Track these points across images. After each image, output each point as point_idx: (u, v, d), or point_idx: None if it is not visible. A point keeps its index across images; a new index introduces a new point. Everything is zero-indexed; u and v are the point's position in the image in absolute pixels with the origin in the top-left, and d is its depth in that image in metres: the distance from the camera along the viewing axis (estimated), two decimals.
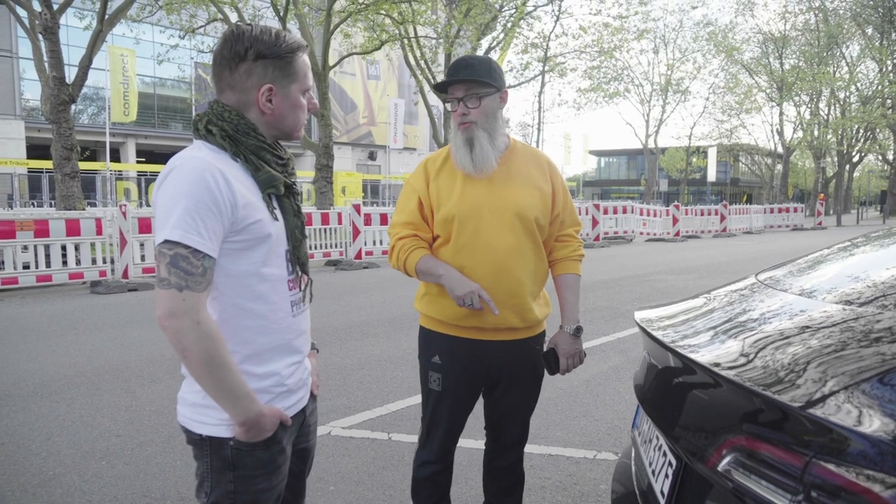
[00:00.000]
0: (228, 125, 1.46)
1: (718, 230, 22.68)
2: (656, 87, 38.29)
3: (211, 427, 1.46)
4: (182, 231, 1.32)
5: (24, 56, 21.63)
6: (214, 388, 1.38)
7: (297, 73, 1.50)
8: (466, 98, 2.04)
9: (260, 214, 1.44)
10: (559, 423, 4.01)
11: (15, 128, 29.21)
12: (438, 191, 2.10)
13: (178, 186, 1.35)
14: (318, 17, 19.04)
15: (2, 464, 3.32)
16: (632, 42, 27.88)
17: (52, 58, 13.29)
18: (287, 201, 1.55)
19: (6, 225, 8.50)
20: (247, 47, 1.45)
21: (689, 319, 1.65)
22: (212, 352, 1.34)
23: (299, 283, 1.59)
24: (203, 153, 1.42)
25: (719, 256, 14.62)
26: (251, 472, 1.48)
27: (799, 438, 1.08)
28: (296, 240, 1.55)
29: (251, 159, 1.47)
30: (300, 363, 1.60)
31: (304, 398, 1.63)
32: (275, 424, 1.48)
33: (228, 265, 1.43)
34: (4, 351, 5.60)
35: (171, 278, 1.32)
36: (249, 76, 1.46)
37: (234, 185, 1.39)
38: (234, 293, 1.45)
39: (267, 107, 1.49)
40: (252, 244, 1.44)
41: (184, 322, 1.32)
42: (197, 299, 1.34)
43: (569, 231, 2.26)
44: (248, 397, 1.41)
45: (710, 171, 44.23)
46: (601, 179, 71.91)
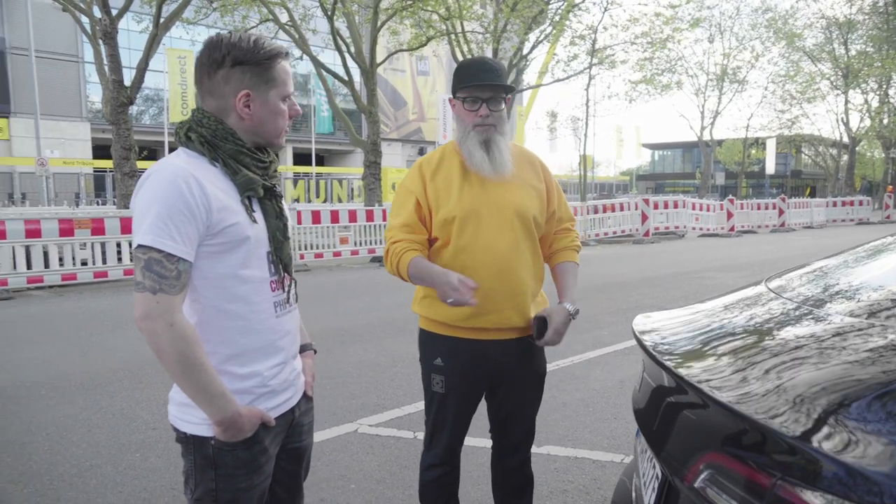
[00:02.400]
0: (207, 131, 1.49)
1: (776, 225, 21.88)
2: (712, 78, 37.15)
3: (194, 426, 1.50)
4: (154, 236, 1.36)
5: (88, 60, 22.68)
6: (190, 388, 1.42)
7: (275, 80, 1.51)
8: (491, 101, 2.05)
9: (237, 217, 1.46)
10: (588, 425, 3.95)
11: (81, 129, 30.59)
12: (437, 192, 2.09)
13: (152, 192, 1.39)
14: (366, 14, 19.21)
15: (45, 453, 3.49)
16: (685, 31, 27.10)
17: (111, 62, 13.82)
18: (269, 203, 1.56)
19: (65, 223, 8.92)
20: (224, 54, 1.47)
21: (686, 329, 1.60)
22: (186, 353, 1.37)
23: (283, 284, 1.59)
24: (180, 159, 1.46)
25: (774, 252, 14.11)
26: (232, 471, 1.51)
27: (770, 458, 1.03)
28: (277, 241, 1.56)
29: (229, 163, 1.49)
30: (286, 364, 1.61)
31: (291, 399, 1.65)
32: (254, 425, 1.50)
33: (207, 268, 1.46)
34: (58, 345, 5.87)
35: (146, 282, 1.36)
36: (227, 82, 1.49)
37: (209, 190, 1.42)
38: (213, 295, 1.48)
39: (245, 112, 1.50)
40: (230, 247, 1.47)
41: (158, 324, 1.36)
42: (171, 302, 1.37)
43: (566, 225, 2.29)
44: (223, 397, 1.43)
45: (769, 163, 42.64)
46: (655, 173, 70.36)
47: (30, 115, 23.82)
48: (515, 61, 22.17)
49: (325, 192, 32.43)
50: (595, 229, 17.26)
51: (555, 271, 2.27)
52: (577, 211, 16.82)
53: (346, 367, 5.14)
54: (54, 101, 28.23)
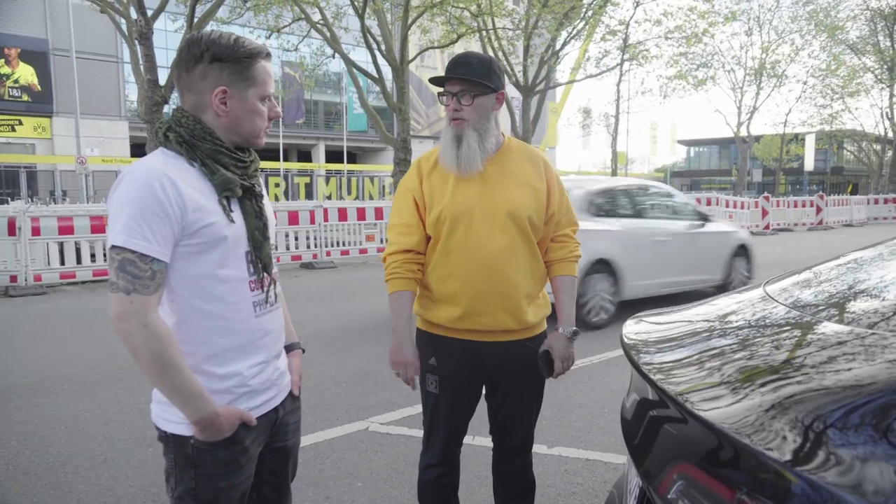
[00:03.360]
0: (185, 130, 1.49)
1: (814, 223, 21.30)
2: (749, 72, 36.30)
3: (174, 425, 1.50)
4: (126, 236, 1.36)
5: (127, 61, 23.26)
6: (166, 388, 1.42)
7: (254, 79, 1.51)
8: (461, 94, 2.00)
9: (213, 218, 1.46)
10: (602, 427, 3.88)
11: (120, 128, 31.33)
12: (431, 190, 2.07)
13: (126, 193, 1.39)
14: (397, 12, 19.25)
15: (62, 445, 3.57)
16: (721, 25, 26.53)
17: (146, 61, 14.11)
18: (248, 203, 1.56)
19: (97, 220, 9.13)
20: (203, 50, 1.47)
21: (675, 336, 1.54)
22: (160, 353, 1.38)
23: (262, 284, 1.59)
24: (156, 160, 1.46)
25: (810, 251, 13.71)
26: (212, 471, 1.51)
27: (738, 472, 0.98)
28: (256, 241, 1.56)
29: (207, 163, 1.49)
30: (267, 364, 1.61)
31: (274, 399, 1.64)
32: (233, 425, 1.50)
33: (183, 268, 1.46)
34: (86, 339, 6.01)
35: (119, 282, 1.37)
36: (204, 78, 1.49)
37: (184, 190, 1.42)
38: (190, 295, 1.47)
39: (221, 109, 1.50)
40: (206, 247, 1.46)
41: (131, 324, 1.36)
42: (144, 302, 1.37)
43: (565, 231, 2.19)
44: (200, 397, 1.43)
45: (808, 159, 41.49)
46: (691, 170, 69.04)
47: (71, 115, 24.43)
48: (547, 57, 21.98)
49: (356, 189, 32.63)
50: None
51: (553, 285, 2.20)
52: None
53: (363, 364, 5.14)
54: (94, 101, 28.95)
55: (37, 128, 29.13)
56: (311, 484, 3.14)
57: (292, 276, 10.31)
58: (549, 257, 2.18)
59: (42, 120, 29.22)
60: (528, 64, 21.57)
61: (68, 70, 23.12)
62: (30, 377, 4.80)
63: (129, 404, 4.19)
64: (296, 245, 11.55)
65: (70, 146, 26.28)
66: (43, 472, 3.26)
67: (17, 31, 27.96)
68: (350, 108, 38.39)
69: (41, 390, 4.50)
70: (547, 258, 2.18)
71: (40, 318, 7.05)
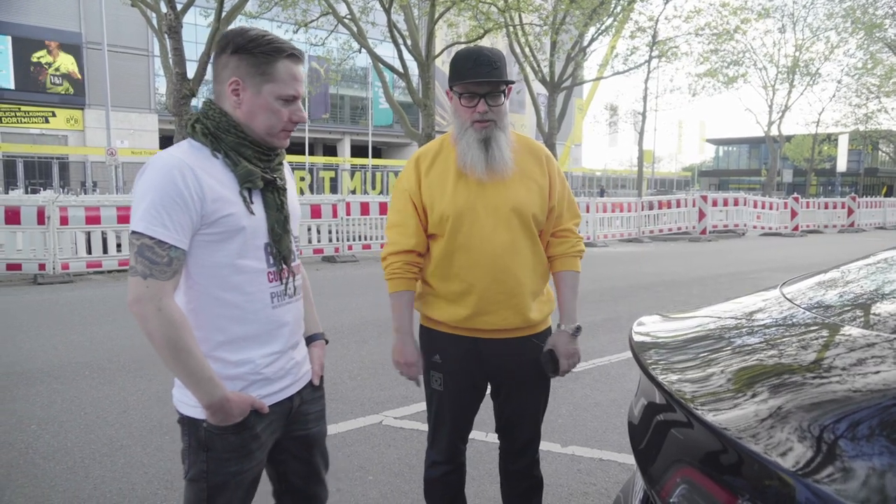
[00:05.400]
0: (211, 123, 1.54)
1: (845, 225, 20.84)
2: (782, 70, 35.58)
3: (189, 408, 1.55)
4: (146, 223, 1.41)
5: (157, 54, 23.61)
6: (178, 371, 1.46)
7: (272, 75, 1.53)
8: (490, 96, 1.94)
9: (232, 208, 1.50)
10: (617, 427, 3.83)
11: (150, 121, 31.85)
12: (430, 188, 2.02)
13: (149, 181, 1.44)
14: (424, 7, 19.23)
15: (81, 431, 3.63)
16: (754, 22, 26.04)
17: (175, 55, 14.25)
18: (270, 196, 1.59)
19: (123, 210, 9.27)
20: (228, 41, 1.53)
21: (686, 338, 1.49)
22: (173, 337, 1.42)
23: (280, 276, 1.61)
24: (180, 150, 1.51)
25: (839, 253, 13.41)
26: (223, 455, 1.55)
27: (741, 479, 0.95)
28: (276, 234, 1.59)
29: (230, 155, 1.53)
30: (283, 353, 1.63)
31: (289, 388, 1.67)
32: (244, 411, 1.53)
33: (203, 256, 1.50)
34: (108, 327, 6.11)
35: (138, 266, 1.42)
36: (225, 68, 1.54)
37: (204, 181, 1.46)
38: (208, 283, 1.51)
39: (234, 100, 1.53)
40: (225, 236, 1.50)
41: (147, 308, 1.41)
42: (160, 287, 1.41)
43: (568, 226, 2.13)
44: (210, 382, 1.47)
45: (841, 160, 40.61)
46: (719, 169, 68.03)
47: (102, 107, 24.86)
48: (574, 54, 21.79)
49: (381, 183, 32.75)
50: (650, 226, 16.83)
51: (556, 280, 2.15)
52: (632, 207, 16.43)
53: (380, 358, 5.15)
54: (125, 94, 29.46)
55: (69, 119, 29.73)
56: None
57: (314, 270, 10.36)
58: (551, 252, 2.13)
59: (75, 112, 29.81)
60: (554, 60, 21.40)
61: (100, 63, 23.54)
62: (53, 363, 4.89)
63: (147, 393, 4.24)
64: (318, 238, 11.61)
65: (101, 138, 26.78)
66: (61, 456, 3.31)
67: (52, 24, 28.55)
68: (376, 103, 38.48)
69: (63, 376, 4.58)
70: (548, 253, 2.13)
71: (66, 306, 7.18)
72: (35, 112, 28.84)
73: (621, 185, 53.80)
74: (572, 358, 2.07)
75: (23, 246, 8.87)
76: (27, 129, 28.74)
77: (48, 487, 2.99)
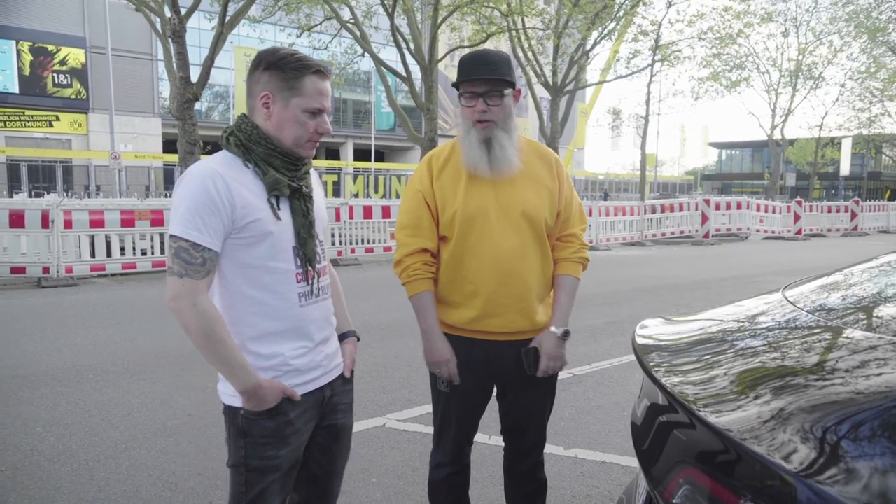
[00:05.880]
0: (243, 135, 1.66)
1: (848, 228, 20.81)
2: (785, 74, 35.58)
3: (229, 398, 1.68)
4: (183, 227, 1.54)
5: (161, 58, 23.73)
6: (214, 360, 1.58)
7: (300, 90, 1.64)
8: (488, 95, 1.96)
9: (260, 214, 1.61)
10: (620, 430, 3.83)
11: (153, 125, 31.95)
12: (443, 190, 2.04)
13: (185, 189, 1.57)
14: (427, 11, 19.28)
15: (85, 433, 3.64)
16: (757, 26, 26.05)
17: (179, 59, 14.31)
18: (297, 203, 1.70)
19: (127, 214, 9.31)
20: (261, 59, 1.66)
21: (688, 341, 1.50)
22: (207, 329, 1.55)
23: (307, 277, 1.72)
24: (214, 161, 1.64)
25: (842, 257, 13.40)
26: (260, 440, 1.66)
27: (742, 480, 0.95)
28: (302, 238, 1.70)
29: (260, 164, 1.65)
30: (311, 348, 1.74)
31: (319, 379, 1.77)
32: (276, 396, 1.64)
33: (236, 258, 1.63)
34: (111, 330, 6.13)
35: (175, 267, 1.55)
36: (257, 83, 1.67)
37: (235, 189, 1.58)
38: (241, 282, 1.64)
39: (264, 112, 1.66)
40: (255, 240, 1.62)
41: (184, 304, 1.54)
42: (195, 285, 1.55)
43: (573, 231, 2.14)
44: (244, 370, 1.59)
45: (844, 163, 40.56)
46: (722, 173, 67.94)
47: (106, 111, 24.98)
48: (577, 58, 21.83)
49: (383, 187, 32.79)
50: (652, 230, 16.82)
51: (555, 283, 2.15)
52: (635, 210, 16.43)
53: (383, 361, 5.16)
54: (129, 98, 29.56)
55: (73, 123, 29.83)
56: None
57: None
58: (553, 256, 2.13)
59: (78, 116, 29.92)
60: (557, 64, 21.42)
61: (104, 67, 23.62)
62: (57, 366, 4.90)
63: (151, 396, 4.25)
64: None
65: (105, 142, 26.86)
66: (66, 458, 3.33)
67: (57, 28, 28.66)
68: (378, 106, 38.56)
69: (67, 379, 4.59)
70: (553, 257, 2.14)
71: (70, 310, 7.20)
72: (39, 116, 28.95)
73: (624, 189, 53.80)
74: (555, 361, 2.06)
75: (27, 249, 8.89)
76: (31, 133, 28.85)
77: (53, 489, 3.01)
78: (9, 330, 6.13)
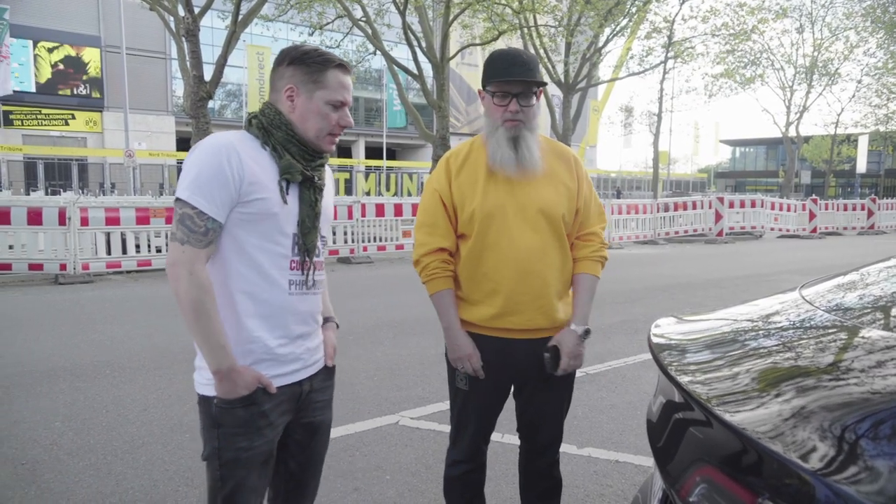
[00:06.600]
0: (265, 119, 1.69)
1: (864, 227, 20.58)
2: (800, 70, 35.22)
3: (203, 386, 1.66)
4: (190, 192, 1.55)
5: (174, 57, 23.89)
6: (196, 333, 1.58)
7: (323, 83, 1.67)
8: (521, 96, 1.99)
9: (267, 193, 1.62)
10: (634, 429, 3.83)
11: (167, 123, 32.15)
12: (461, 189, 2.05)
13: (199, 156, 1.57)
14: (438, 9, 19.27)
15: (103, 429, 3.69)
16: (772, 22, 25.81)
17: (192, 58, 14.41)
18: (306, 192, 1.71)
19: (142, 212, 9.39)
20: (285, 55, 1.70)
21: (704, 339, 1.50)
22: (197, 300, 1.54)
23: (302, 267, 1.72)
24: (232, 136, 1.64)
25: (859, 256, 13.26)
26: (232, 430, 1.63)
27: (761, 478, 0.96)
28: (305, 227, 1.70)
29: (277, 148, 1.67)
30: (292, 340, 1.72)
31: (298, 372, 1.75)
32: (249, 384, 1.62)
33: (234, 231, 1.62)
34: (127, 327, 6.19)
35: (178, 233, 1.56)
36: (281, 77, 1.70)
37: (247, 164, 1.59)
38: (233, 257, 1.63)
39: (289, 105, 1.69)
40: (257, 218, 1.62)
41: (180, 271, 1.54)
42: (195, 254, 1.55)
43: (593, 229, 2.15)
44: (222, 350, 1.58)
45: (861, 161, 40.11)
46: (735, 171, 67.45)
47: (120, 109, 25.16)
48: (589, 55, 21.74)
49: (395, 185, 32.84)
50: (665, 228, 16.74)
51: (573, 281, 2.16)
52: (648, 209, 16.36)
53: (396, 359, 5.18)
54: (143, 96, 29.75)
55: (88, 122, 30.10)
56: (340, 475, 3.18)
57: (329, 271, 10.42)
58: (573, 255, 2.15)
59: (93, 114, 30.18)
60: (569, 61, 21.35)
61: (119, 66, 23.79)
62: (75, 362, 4.97)
63: (167, 392, 4.30)
64: (333, 240, 11.68)
65: (119, 140, 27.07)
66: (84, 453, 3.37)
67: (72, 28, 28.91)
68: (390, 104, 38.59)
69: (85, 375, 4.65)
70: (572, 255, 2.15)
71: (87, 306, 7.29)
72: (55, 114, 29.23)
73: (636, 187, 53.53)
74: (576, 359, 2.07)
75: (44, 246, 9.01)
76: (47, 132, 29.14)
77: (72, 483, 3.05)
78: (27, 326, 6.22)
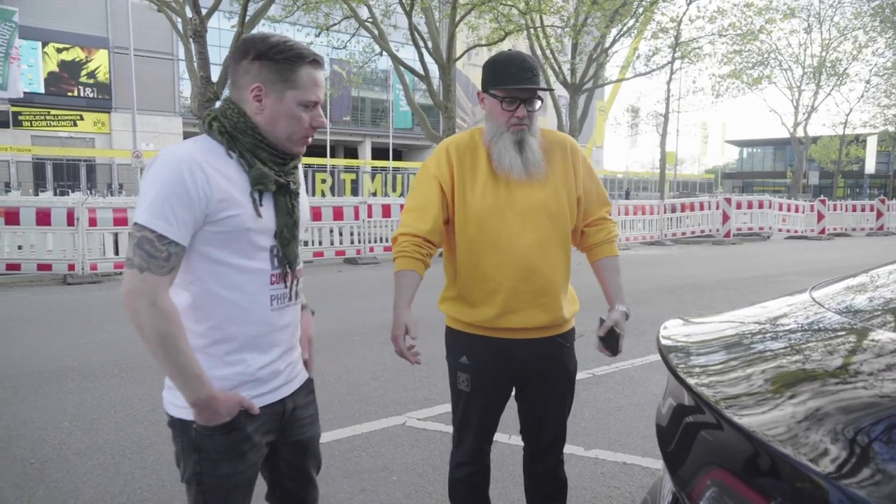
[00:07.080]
0: (228, 122, 1.52)
1: (873, 228, 20.45)
2: (808, 71, 35.06)
3: (179, 409, 1.53)
4: (149, 215, 1.39)
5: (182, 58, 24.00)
6: (167, 367, 1.45)
7: (295, 82, 1.52)
8: (528, 102, 1.99)
9: (239, 209, 1.48)
10: (641, 431, 3.82)
11: (174, 124, 32.33)
12: (462, 180, 2.03)
13: (157, 174, 1.42)
14: (445, 10, 19.29)
15: (111, 428, 3.70)
16: (779, 22, 25.69)
17: (200, 59, 14.44)
18: (282, 200, 1.57)
19: None
20: (250, 47, 1.51)
21: (714, 341, 1.50)
22: (164, 332, 1.41)
23: (284, 279, 1.60)
24: (194, 145, 1.49)
25: (868, 257, 13.18)
26: (214, 456, 1.53)
27: (773, 482, 0.95)
28: (284, 238, 1.58)
29: (245, 156, 1.52)
30: (277, 357, 1.62)
31: (280, 389, 1.64)
32: (231, 410, 1.51)
33: (207, 253, 1.49)
34: (134, 328, 6.20)
35: (135, 259, 1.40)
36: (246, 74, 1.52)
37: (214, 180, 1.44)
38: (210, 280, 1.50)
39: (256, 106, 1.52)
40: (229, 236, 1.48)
41: (140, 302, 1.40)
42: (156, 282, 1.40)
43: (601, 214, 2.16)
44: (198, 380, 1.45)
45: (869, 161, 39.89)
46: (743, 171, 67.17)
47: (128, 110, 25.31)
48: (595, 55, 21.70)
49: (401, 186, 32.86)
50: (672, 229, 16.69)
51: (596, 268, 2.17)
52: (655, 209, 16.31)
53: (402, 360, 5.16)
54: (150, 97, 29.96)
55: (96, 123, 30.29)
56: (347, 476, 3.18)
57: (335, 271, 10.45)
58: (589, 242, 2.15)
59: (101, 115, 30.36)
60: (576, 62, 21.31)
61: (127, 67, 23.93)
62: (83, 362, 4.99)
63: None
64: (339, 240, 11.70)
65: (127, 141, 27.21)
66: (92, 452, 3.39)
67: (80, 29, 29.10)
68: (396, 105, 38.65)
69: (93, 375, 4.67)
70: (586, 243, 2.16)
71: (95, 306, 7.32)
72: (63, 115, 29.42)
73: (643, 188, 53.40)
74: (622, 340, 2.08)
75: (53, 247, 9.06)
76: (56, 133, 29.33)
77: (81, 482, 3.07)
78: (36, 326, 6.25)
